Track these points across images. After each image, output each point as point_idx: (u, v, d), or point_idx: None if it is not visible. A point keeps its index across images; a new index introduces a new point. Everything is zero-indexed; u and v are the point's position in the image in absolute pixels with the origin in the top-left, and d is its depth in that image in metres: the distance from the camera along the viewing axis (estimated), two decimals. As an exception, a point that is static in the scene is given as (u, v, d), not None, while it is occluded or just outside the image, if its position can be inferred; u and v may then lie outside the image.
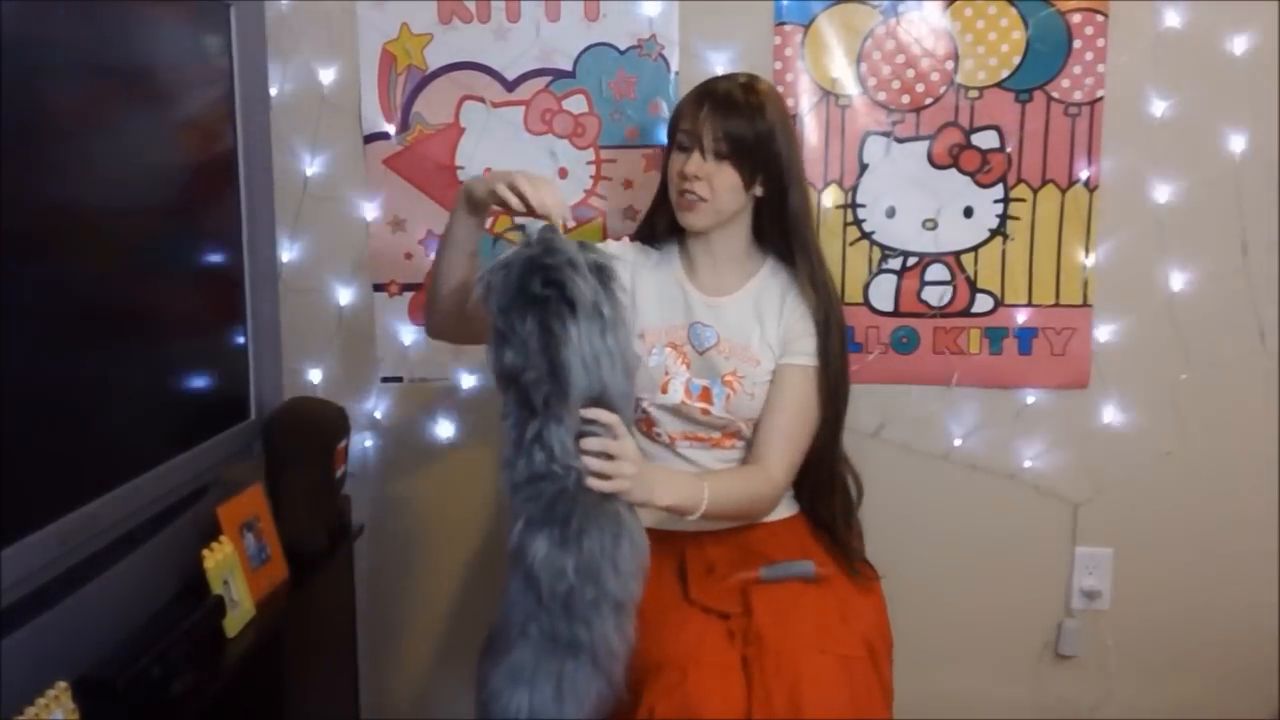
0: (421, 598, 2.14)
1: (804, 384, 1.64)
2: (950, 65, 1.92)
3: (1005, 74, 1.91)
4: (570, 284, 1.26)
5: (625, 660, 1.37)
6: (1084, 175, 1.92)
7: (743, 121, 1.58)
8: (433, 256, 1.74)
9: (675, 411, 1.66)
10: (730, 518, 1.62)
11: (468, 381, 2.06)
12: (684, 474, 1.60)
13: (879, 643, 1.54)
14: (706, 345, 1.65)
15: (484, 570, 2.11)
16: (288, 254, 2.03)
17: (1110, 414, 2.00)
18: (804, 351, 1.64)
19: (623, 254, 1.70)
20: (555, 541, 1.30)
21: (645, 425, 1.68)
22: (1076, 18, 1.88)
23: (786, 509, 1.73)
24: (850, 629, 1.49)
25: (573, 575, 1.30)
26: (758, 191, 1.64)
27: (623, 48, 1.95)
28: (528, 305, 1.26)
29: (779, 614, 1.47)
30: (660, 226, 1.70)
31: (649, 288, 1.69)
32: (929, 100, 1.93)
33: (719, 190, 1.59)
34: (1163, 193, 1.92)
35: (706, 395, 1.64)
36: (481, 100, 1.96)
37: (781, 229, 1.66)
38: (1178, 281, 1.95)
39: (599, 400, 1.31)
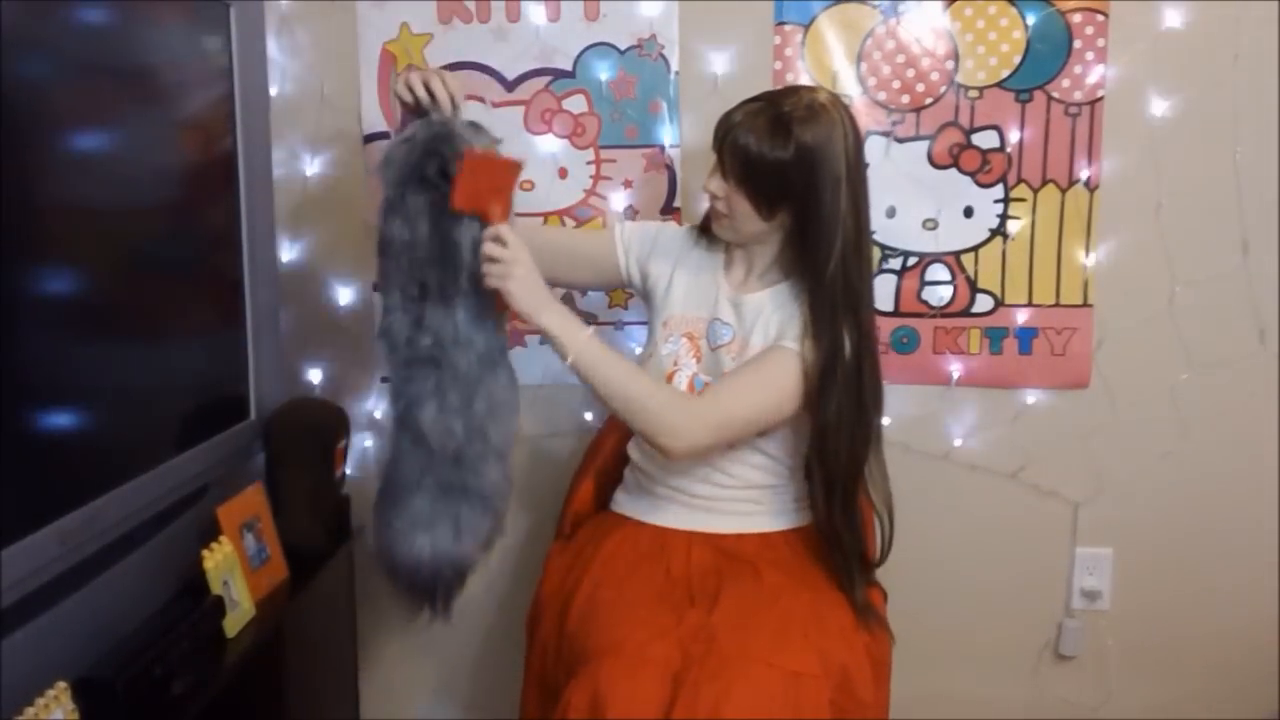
0: (421, 598, 2.13)
1: (776, 362, 1.51)
2: (950, 65, 1.91)
3: (1005, 74, 1.91)
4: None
5: (509, 497, 1.52)
6: (1084, 175, 1.92)
7: (763, 148, 1.45)
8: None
9: None
10: (601, 399, 1.48)
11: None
12: (576, 320, 1.47)
13: (858, 663, 1.45)
14: (720, 342, 1.62)
15: (484, 569, 2.10)
16: (287, 254, 2.03)
17: (1111, 414, 1.99)
18: (789, 337, 1.52)
19: (674, 237, 1.70)
20: (443, 408, 1.40)
21: None
22: (1077, 17, 1.88)
23: (789, 519, 1.65)
24: (809, 645, 1.40)
25: (461, 434, 1.41)
26: (783, 222, 1.53)
27: (623, 47, 1.94)
28: (421, 187, 1.34)
29: (740, 618, 1.42)
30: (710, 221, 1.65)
31: (685, 277, 1.66)
32: (929, 100, 1.93)
33: (735, 214, 1.53)
34: (1163, 192, 1.92)
35: None
36: (481, 100, 1.96)
37: (810, 272, 1.51)
38: (1178, 281, 1.95)
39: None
